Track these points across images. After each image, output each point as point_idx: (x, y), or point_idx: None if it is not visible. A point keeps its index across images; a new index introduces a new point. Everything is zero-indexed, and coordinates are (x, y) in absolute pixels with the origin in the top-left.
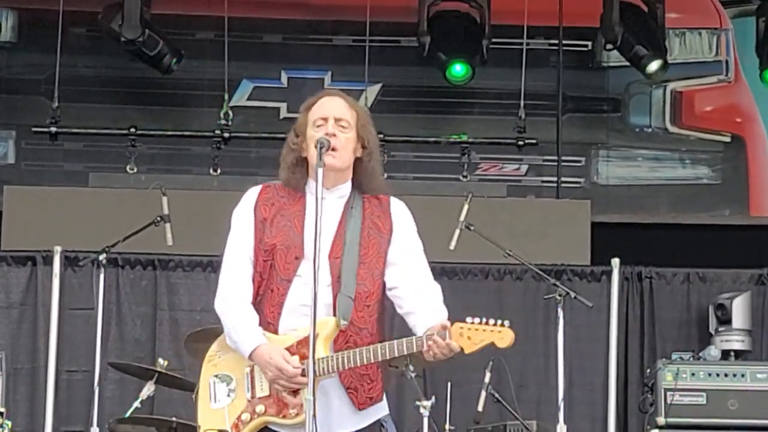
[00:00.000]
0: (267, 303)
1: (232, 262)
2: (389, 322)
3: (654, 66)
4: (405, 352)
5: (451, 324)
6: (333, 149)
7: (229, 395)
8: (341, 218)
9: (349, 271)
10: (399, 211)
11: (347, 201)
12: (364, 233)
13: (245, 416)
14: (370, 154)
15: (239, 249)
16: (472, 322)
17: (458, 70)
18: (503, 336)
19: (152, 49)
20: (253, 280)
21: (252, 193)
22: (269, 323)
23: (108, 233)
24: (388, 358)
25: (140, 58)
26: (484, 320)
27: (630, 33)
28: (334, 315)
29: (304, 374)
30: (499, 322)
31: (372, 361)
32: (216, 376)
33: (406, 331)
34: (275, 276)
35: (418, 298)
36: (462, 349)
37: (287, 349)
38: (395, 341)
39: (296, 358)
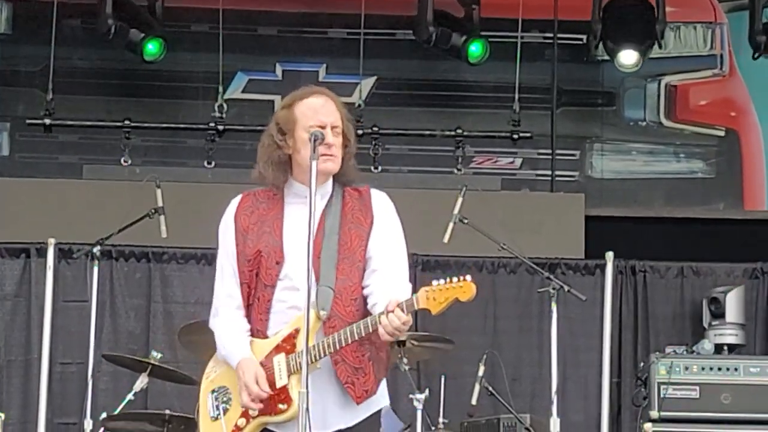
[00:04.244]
0: (255, 311)
1: (221, 279)
2: None
3: (625, 57)
4: (371, 329)
5: (418, 289)
6: (331, 155)
7: (225, 406)
8: (322, 215)
9: (328, 263)
10: (380, 203)
11: (329, 198)
12: (345, 228)
13: (241, 422)
14: (350, 152)
15: (225, 265)
16: (438, 284)
17: (474, 49)
18: (465, 289)
19: (124, 38)
20: (242, 291)
21: (232, 205)
22: (258, 330)
23: (102, 225)
24: (359, 336)
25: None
26: (448, 279)
27: (612, 28)
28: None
29: (273, 388)
30: (461, 277)
31: (349, 341)
32: (213, 390)
33: None
34: (260, 283)
35: (383, 295)
36: (429, 311)
37: (274, 349)
38: (362, 320)
39: (282, 355)
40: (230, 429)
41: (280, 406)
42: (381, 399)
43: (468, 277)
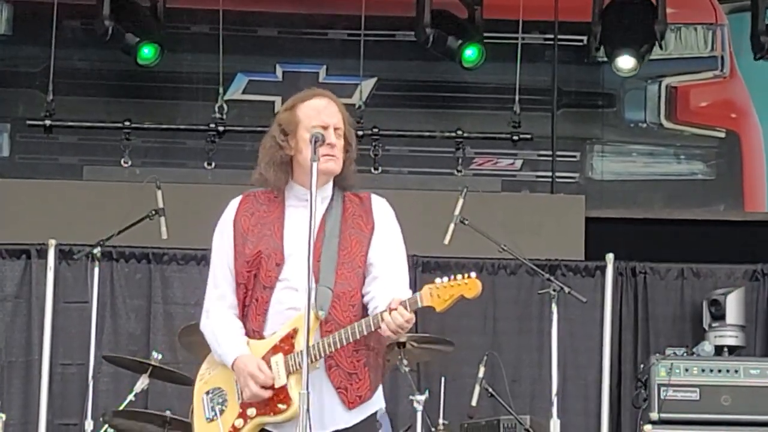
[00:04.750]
0: (252, 312)
1: (213, 280)
2: None
3: (623, 62)
4: (373, 329)
5: (420, 288)
6: (333, 156)
7: (221, 407)
8: (322, 218)
9: (328, 266)
10: (381, 209)
11: (329, 202)
12: (345, 232)
13: (238, 422)
14: (351, 157)
15: (219, 266)
16: (442, 281)
17: (470, 54)
18: (470, 286)
19: (121, 40)
20: (238, 293)
21: (232, 206)
22: (255, 331)
23: (102, 226)
24: (360, 336)
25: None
26: (452, 277)
27: (610, 33)
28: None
29: (272, 387)
30: (466, 274)
31: (350, 340)
32: (207, 392)
33: None
34: (258, 285)
35: (384, 299)
36: (433, 309)
37: (271, 349)
38: (363, 320)
39: (280, 355)
40: (227, 430)
41: (280, 405)
42: (377, 401)
43: (473, 274)
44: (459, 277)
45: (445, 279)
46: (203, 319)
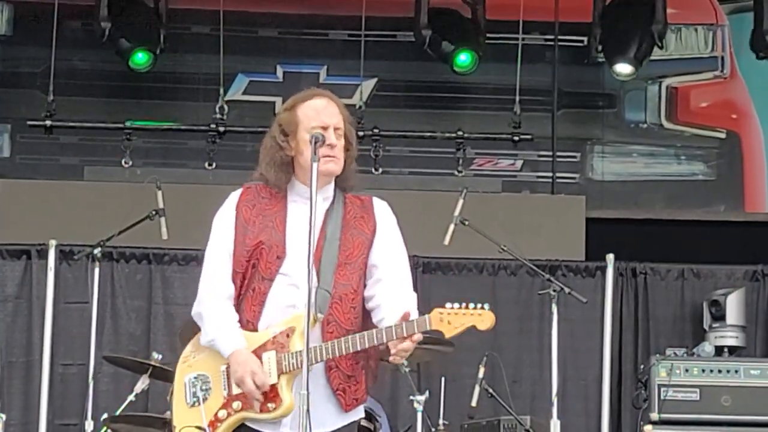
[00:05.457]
0: (247, 302)
1: (210, 267)
2: None
3: (620, 69)
4: (376, 343)
5: (430, 310)
6: (333, 157)
7: (205, 394)
8: (324, 219)
9: (328, 267)
10: (383, 211)
11: (331, 202)
12: (347, 234)
13: (222, 413)
14: (352, 156)
15: (218, 253)
16: (452, 307)
17: (463, 59)
18: (484, 318)
19: (116, 43)
20: (234, 281)
21: (233, 197)
22: (248, 321)
23: (103, 227)
24: (361, 348)
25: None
26: (464, 305)
27: (608, 38)
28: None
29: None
30: (479, 305)
31: (346, 352)
32: (191, 376)
33: None
34: (257, 275)
35: (391, 308)
36: (442, 334)
37: (264, 345)
38: (366, 332)
39: (273, 353)
40: (209, 419)
41: (269, 405)
42: (361, 409)
43: (486, 306)
44: (471, 306)
45: (456, 305)
46: (196, 305)
